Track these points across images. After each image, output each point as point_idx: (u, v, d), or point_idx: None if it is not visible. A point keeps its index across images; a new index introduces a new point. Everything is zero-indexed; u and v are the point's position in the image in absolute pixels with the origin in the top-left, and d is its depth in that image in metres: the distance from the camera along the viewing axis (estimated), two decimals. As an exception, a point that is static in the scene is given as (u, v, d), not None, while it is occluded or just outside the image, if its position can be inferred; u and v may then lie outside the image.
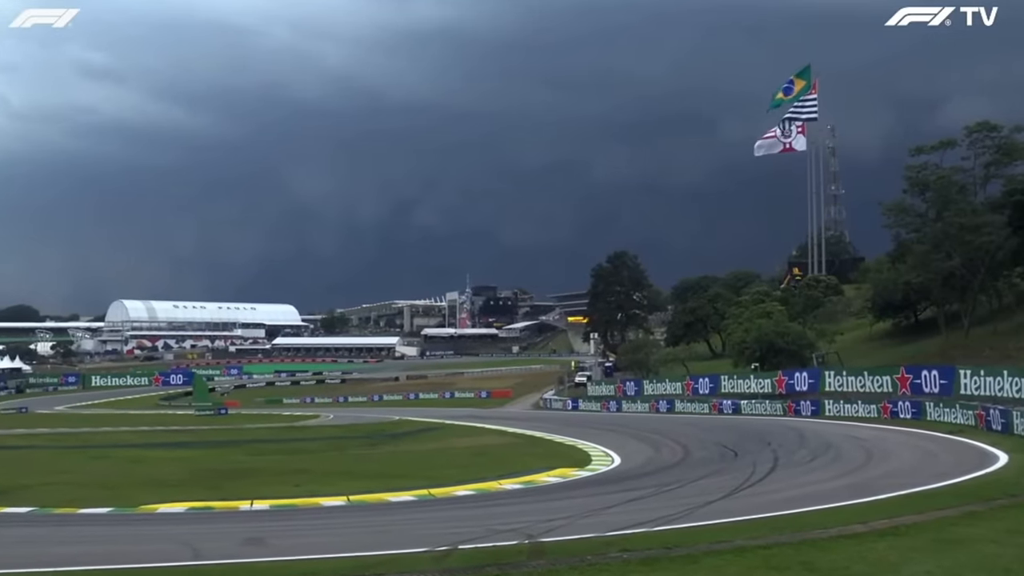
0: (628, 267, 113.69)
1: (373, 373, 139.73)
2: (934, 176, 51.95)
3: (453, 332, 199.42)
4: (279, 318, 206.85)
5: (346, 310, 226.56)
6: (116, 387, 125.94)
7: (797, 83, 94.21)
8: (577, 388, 79.67)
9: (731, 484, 19.13)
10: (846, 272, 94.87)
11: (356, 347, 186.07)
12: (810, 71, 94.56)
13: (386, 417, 63.79)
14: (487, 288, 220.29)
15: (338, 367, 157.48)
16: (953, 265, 50.54)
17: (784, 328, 57.81)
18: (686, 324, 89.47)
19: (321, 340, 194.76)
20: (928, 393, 36.89)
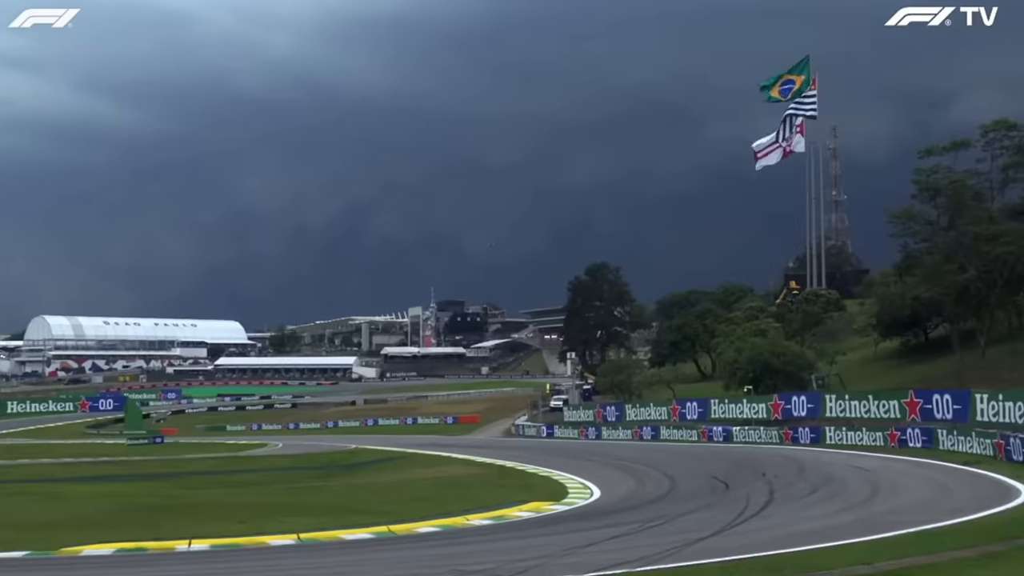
0: (608, 280, 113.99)
1: (327, 397, 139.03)
2: (946, 180, 52.23)
3: (416, 351, 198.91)
4: (222, 335, 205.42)
5: (297, 327, 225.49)
6: (36, 414, 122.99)
7: (795, 80, 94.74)
8: (552, 413, 79.52)
9: (722, 520, 19.02)
10: (848, 286, 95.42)
11: (308, 368, 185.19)
12: (809, 64, 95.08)
13: (341, 446, 63.36)
14: (454, 303, 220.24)
15: (288, 390, 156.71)
16: (968, 278, 50.61)
17: (780, 347, 57.99)
18: (672, 343, 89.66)
19: (270, 360, 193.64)
20: (940, 420, 37.01)
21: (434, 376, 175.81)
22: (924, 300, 55.23)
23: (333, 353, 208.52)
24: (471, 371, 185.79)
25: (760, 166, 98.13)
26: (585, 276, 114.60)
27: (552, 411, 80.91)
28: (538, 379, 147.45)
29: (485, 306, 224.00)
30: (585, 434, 63.16)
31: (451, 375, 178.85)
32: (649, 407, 62.14)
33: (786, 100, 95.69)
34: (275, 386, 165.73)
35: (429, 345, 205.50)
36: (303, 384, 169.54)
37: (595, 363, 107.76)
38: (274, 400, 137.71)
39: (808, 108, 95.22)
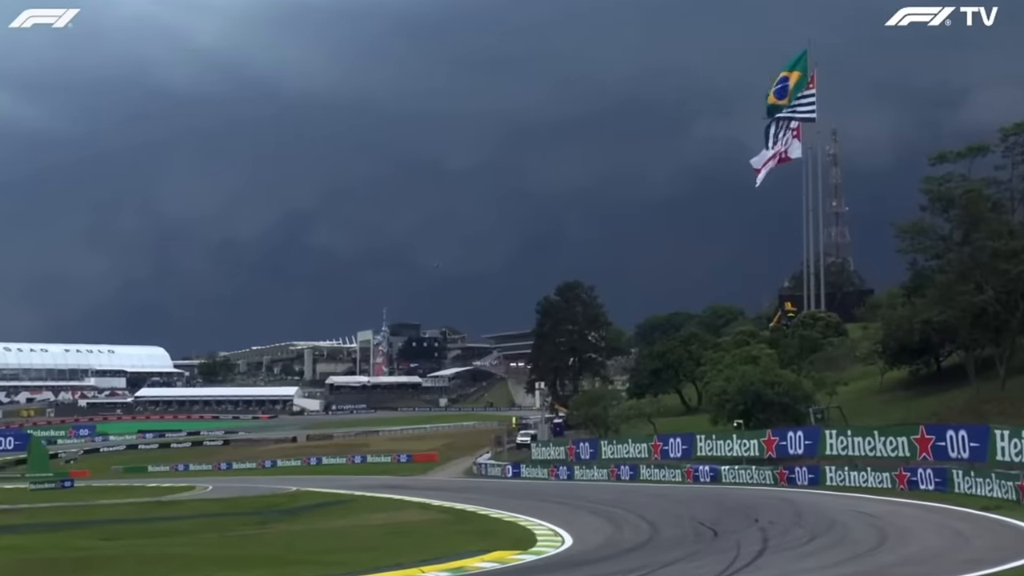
0: (582, 301, 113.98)
1: (265, 432, 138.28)
2: (960, 189, 52.43)
3: (366, 381, 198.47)
4: (145, 363, 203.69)
5: (231, 353, 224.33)
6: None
7: (791, 77, 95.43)
8: (519, 450, 79.41)
9: (709, 571, 18.93)
10: (850, 308, 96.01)
11: (243, 400, 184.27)
12: (806, 59, 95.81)
13: (280, 488, 62.99)
14: (408, 326, 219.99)
15: (220, 425, 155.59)
16: (985, 300, 50.71)
17: (774, 377, 57.98)
18: (653, 371, 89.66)
19: (198, 391, 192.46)
20: (955, 459, 36.99)
21: (386, 409, 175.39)
22: (936, 324, 55.31)
23: (271, 383, 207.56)
24: (427, 403, 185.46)
25: (761, 181, 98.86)
26: (556, 296, 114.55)
27: (519, 448, 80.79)
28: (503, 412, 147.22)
29: (444, 330, 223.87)
30: (555, 474, 62.92)
31: (405, 407, 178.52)
32: (627, 443, 61.89)
33: (782, 102, 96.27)
34: (205, 420, 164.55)
35: (380, 374, 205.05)
36: (237, 418, 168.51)
37: (567, 394, 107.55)
38: (203, 436, 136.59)
39: (805, 110, 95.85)
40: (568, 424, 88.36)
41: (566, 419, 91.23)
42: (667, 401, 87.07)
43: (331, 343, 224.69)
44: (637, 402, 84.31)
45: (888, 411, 57.39)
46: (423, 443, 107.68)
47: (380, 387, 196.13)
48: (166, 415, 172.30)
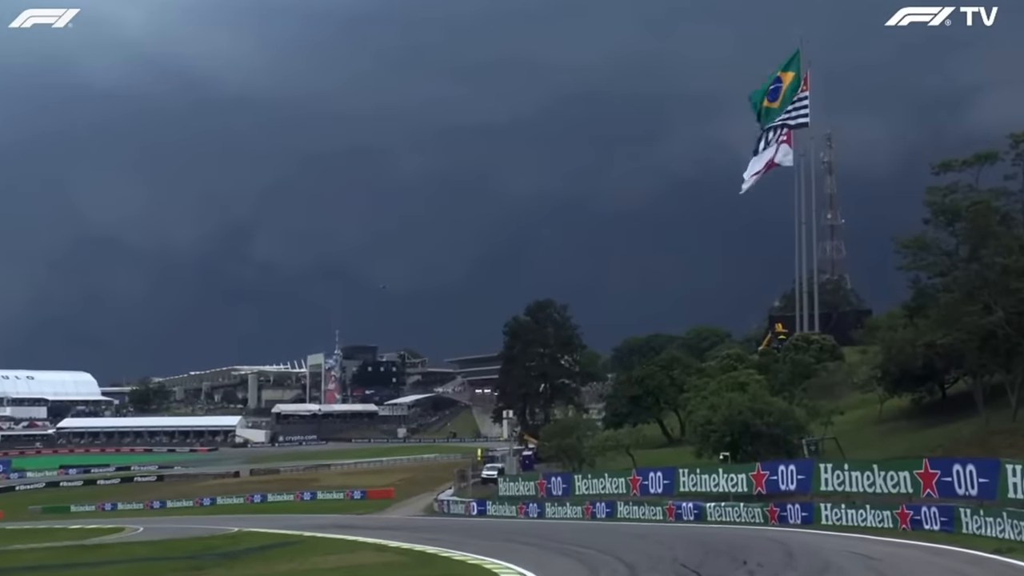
0: (554, 321, 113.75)
1: (204, 467, 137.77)
2: (967, 201, 52.58)
3: (316, 409, 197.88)
4: (68, 390, 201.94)
5: (166, 379, 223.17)
6: None
7: (784, 78, 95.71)
8: (485, 485, 79.62)
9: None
10: (847, 329, 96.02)
11: (180, 431, 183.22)
12: (799, 59, 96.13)
13: (220, 528, 62.44)
14: (363, 349, 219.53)
15: (153, 459, 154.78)
16: (994, 321, 50.77)
17: (764, 405, 57.80)
18: (631, 399, 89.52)
19: (129, 421, 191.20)
20: (963, 496, 36.86)
21: (338, 440, 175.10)
22: (940, 348, 55.42)
23: (211, 412, 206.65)
24: (384, 434, 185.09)
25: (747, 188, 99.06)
26: (525, 316, 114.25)
27: (484, 483, 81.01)
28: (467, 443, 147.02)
29: (402, 353, 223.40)
30: (525, 511, 62.66)
31: (360, 438, 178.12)
32: (603, 478, 61.63)
33: (774, 105, 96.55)
34: (136, 454, 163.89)
35: (332, 402, 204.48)
36: (172, 451, 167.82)
37: (537, 423, 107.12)
38: (134, 472, 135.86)
39: (798, 114, 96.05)
40: (539, 457, 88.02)
41: (536, 451, 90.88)
42: (647, 431, 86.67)
43: (278, 368, 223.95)
44: (614, 432, 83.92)
45: (889, 443, 57.40)
46: (379, 478, 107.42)
47: (332, 416, 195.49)
48: (92, 448, 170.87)
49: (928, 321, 57.01)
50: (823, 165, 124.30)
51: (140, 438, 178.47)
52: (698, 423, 62.14)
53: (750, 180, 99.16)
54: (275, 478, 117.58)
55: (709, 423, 58.87)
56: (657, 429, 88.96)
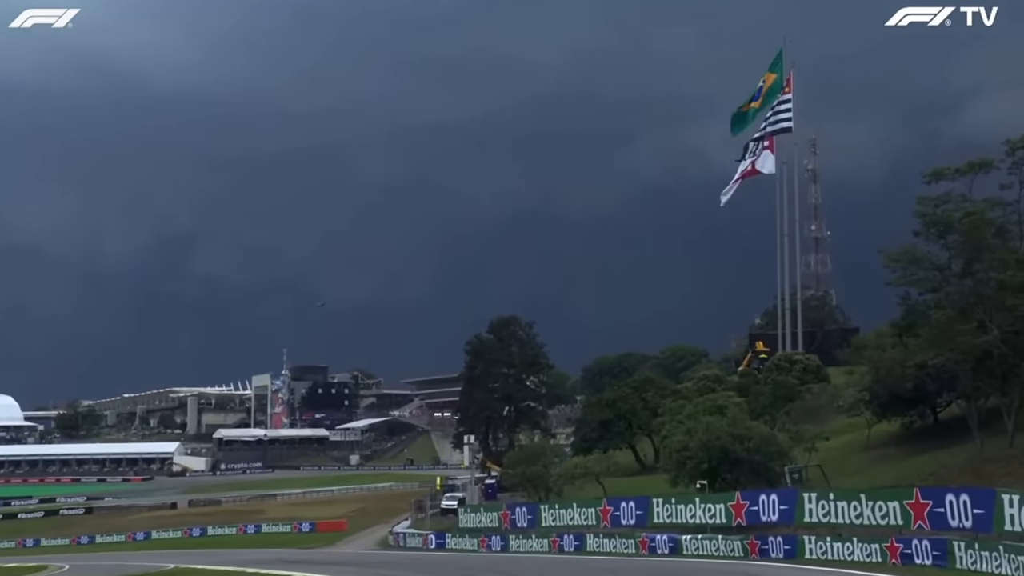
0: (519, 340, 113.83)
1: (138, 498, 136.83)
2: (960, 212, 52.80)
3: (262, 435, 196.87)
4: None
5: (97, 403, 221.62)
6: None
7: (766, 79, 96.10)
8: (444, 516, 79.11)
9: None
10: (832, 349, 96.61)
11: (111, 458, 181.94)
12: (782, 60, 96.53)
13: (154, 565, 61.67)
14: (313, 369, 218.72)
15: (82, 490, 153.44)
16: (989, 340, 50.95)
17: (744, 430, 57.87)
18: (602, 423, 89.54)
19: (55, 448, 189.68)
20: (956, 528, 36.98)
21: (286, 468, 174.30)
22: (932, 369, 55.46)
23: (147, 438, 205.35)
24: (336, 461, 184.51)
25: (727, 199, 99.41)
26: (488, 334, 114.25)
27: (444, 514, 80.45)
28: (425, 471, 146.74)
29: (355, 374, 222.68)
30: (487, 545, 62.40)
31: (309, 466, 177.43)
32: (572, 508, 61.47)
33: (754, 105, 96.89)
34: (62, 484, 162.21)
35: (279, 426, 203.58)
36: (103, 481, 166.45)
37: (501, 450, 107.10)
38: (60, 504, 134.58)
39: (780, 118, 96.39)
40: (502, 485, 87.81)
41: (500, 479, 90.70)
42: (619, 458, 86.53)
43: (220, 390, 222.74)
44: (583, 459, 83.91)
45: (877, 471, 57.56)
46: (330, 508, 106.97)
47: (279, 442, 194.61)
48: (13, 478, 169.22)
49: (919, 340, 57.10)
50: (807, 173, 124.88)
51: (67, 467, 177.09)
52: (673, 449, 62.14)
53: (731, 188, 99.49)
54: (216, 509, 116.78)
55: (685, 449, 58.89)
56: (629, 455, 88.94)
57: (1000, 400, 53.87)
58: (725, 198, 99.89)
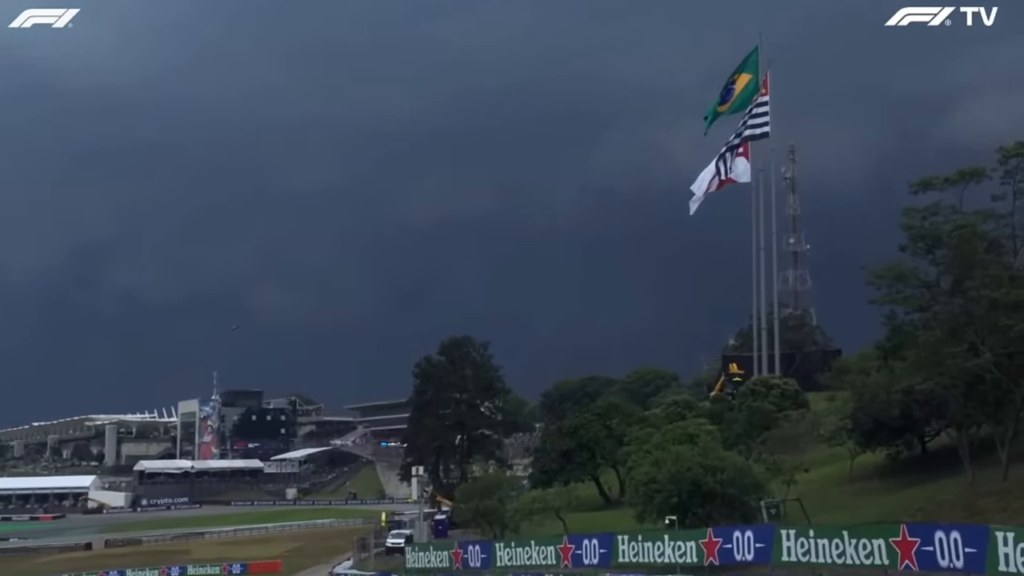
0: (472, 362, 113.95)
1: (48, 538, 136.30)
2: (949, 225, 53.11)
3: (189, 466, 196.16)
4: None
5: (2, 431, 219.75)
6: None
7: (740, 80, 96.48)
8: (390, 556, 79.13)
9: None
10: (812, 373, 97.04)
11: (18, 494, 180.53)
12: (758, 59, 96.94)
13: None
14: (246, 394, 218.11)
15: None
16: (981, 364, 51.11)
17: (716, 460, 58.08)
18: (563, 453, 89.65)
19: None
20: (947, 568, 37.20)
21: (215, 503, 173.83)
22: (920, 395, 55.74)
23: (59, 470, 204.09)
24: (271, 495, 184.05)
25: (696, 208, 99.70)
26: (438, 356, 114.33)
27: (390, 552, 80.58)
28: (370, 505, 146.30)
29: (293, 399, 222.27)
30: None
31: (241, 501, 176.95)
32: (530, 547, 61.50)
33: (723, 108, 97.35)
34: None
35: (208, 457, 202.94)
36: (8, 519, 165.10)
37: (452, 482, 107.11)
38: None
39: (757, 123, 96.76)
40: (454, 522, 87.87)
41: (451, 515, 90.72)
42: (581, 491, 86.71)
43: (142, 417, 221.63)
44: (542, 493, 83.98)
45: (861, 505, 57.82)
46: (264, 548, 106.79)
47: (208, 474, 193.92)
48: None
49: (905, 364, 57.32)
50: (785, 182, 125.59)
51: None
52: (640, 481, 62.26)
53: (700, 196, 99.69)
54: (136, 550, 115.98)
55: (653, 481, 59.02)
56: (593, 488, 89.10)
57: (993, 429, 54.07)
58: (695, 206, 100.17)
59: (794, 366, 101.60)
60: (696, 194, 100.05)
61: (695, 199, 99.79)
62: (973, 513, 44.35)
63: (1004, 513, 41.99)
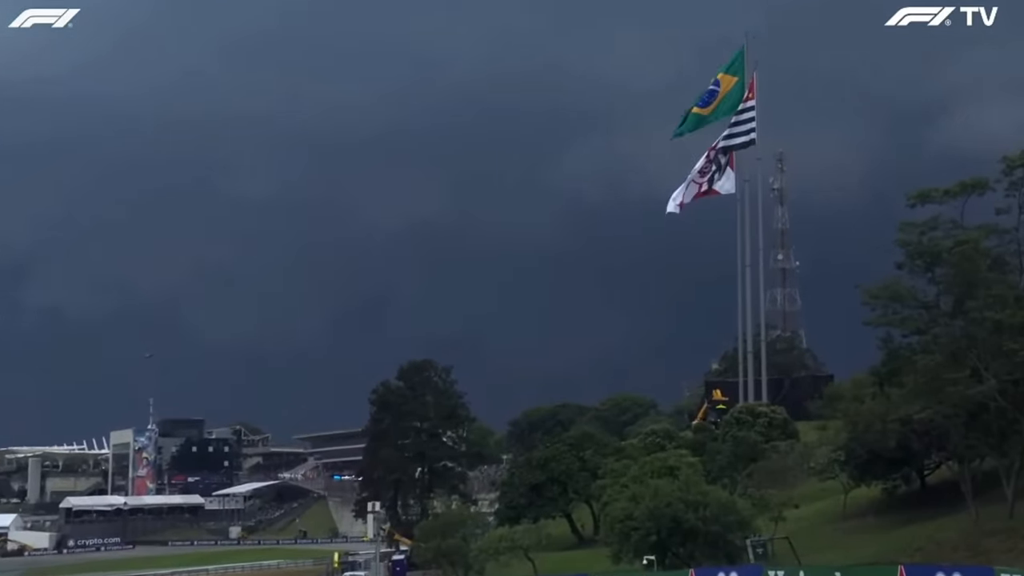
0: (434, 387, 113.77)
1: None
2: (950, 241, 53.28)
3: (121, 503, 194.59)
4: None
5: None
6: None
7: (724, 82, 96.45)
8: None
9: None
10: (802, 400, 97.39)
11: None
12: (743, 60, 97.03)
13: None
14: (187, 424, 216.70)
15: None
16: (984, 391, 51.19)
17: (699, 495, 58.31)
18: (532, 487, 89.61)
19: None
20: (947, 611, 37.47)
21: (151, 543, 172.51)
22: (918, 425, 55.86)
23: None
24: (213, 534, 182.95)
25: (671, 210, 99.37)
26: (397, 381, 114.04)
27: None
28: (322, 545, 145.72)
29: (238, 428, 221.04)
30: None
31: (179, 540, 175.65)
32: (496, 591, 61.74)
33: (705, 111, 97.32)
34: None
35: (144, 492, 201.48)
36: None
37: (412, 519, 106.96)
38: None
39: (743, 129, 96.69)
40: (413, 562, 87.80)
41: (410, 555, 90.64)
42: (552, 529, 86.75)
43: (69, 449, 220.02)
44: (510, 531, 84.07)
45: (855, 544, 58.05)
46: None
47: (143, 511, 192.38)
48: None
49: (903, 391, 57.44)
50: (773, 193, 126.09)
51: None
52: (616, 518, 62.44)
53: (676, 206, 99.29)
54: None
55: (630, 518, 59.19)
56: (565, 526, 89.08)
57: (998, 462, 54.12)
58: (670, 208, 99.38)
59: (782, 393, 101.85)
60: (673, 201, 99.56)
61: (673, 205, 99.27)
62: (976, 553, 44.54)
63: (1010, 554, 42.24)
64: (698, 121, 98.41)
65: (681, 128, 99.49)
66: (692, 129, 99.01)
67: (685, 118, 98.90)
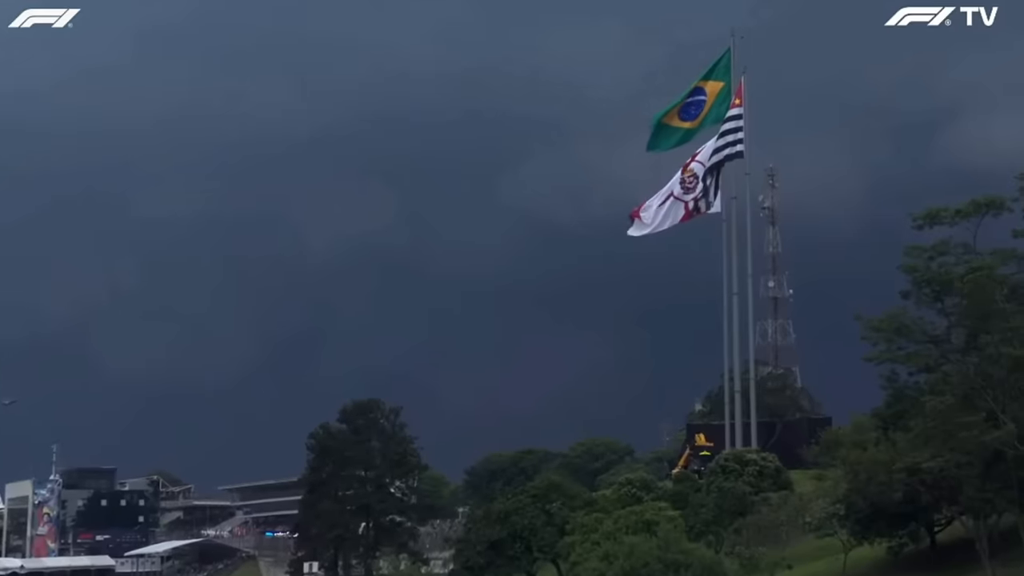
0: (381, 431, 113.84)
1: None
2: (961, 267, 53.42)
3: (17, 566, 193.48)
4: None
5: None
6: None
7: (710, 89, 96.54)
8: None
9: None
10: (796, 446, 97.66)
11: None
12: (730, 64, 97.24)
13: None
14: (95, 473, 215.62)
15: None
16: (1001, 437, 51.19)
17: (680, 554, 58.53)
18: (492, 545, 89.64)
19: None
20: None
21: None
22: (928, 475, 55.91)
23: None
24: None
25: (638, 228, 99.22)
26: (339, 424, 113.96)
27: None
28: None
29: (155, 478, 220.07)
30: None
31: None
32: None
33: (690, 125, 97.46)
34: None
35: (44, 553, 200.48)
36: None
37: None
38: None
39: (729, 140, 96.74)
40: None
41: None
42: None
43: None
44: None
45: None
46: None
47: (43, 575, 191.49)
48: None
49: (910, 436, 57.50)
50: (763, 212, 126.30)
51: None
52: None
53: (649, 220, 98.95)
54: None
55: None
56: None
57: (1017, 517, 54.07)
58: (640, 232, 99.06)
59: (774, 438, 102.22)
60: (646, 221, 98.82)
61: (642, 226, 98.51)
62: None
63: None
64: (684, 136, 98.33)
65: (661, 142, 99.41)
66: (677, 144, 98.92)
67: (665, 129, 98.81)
